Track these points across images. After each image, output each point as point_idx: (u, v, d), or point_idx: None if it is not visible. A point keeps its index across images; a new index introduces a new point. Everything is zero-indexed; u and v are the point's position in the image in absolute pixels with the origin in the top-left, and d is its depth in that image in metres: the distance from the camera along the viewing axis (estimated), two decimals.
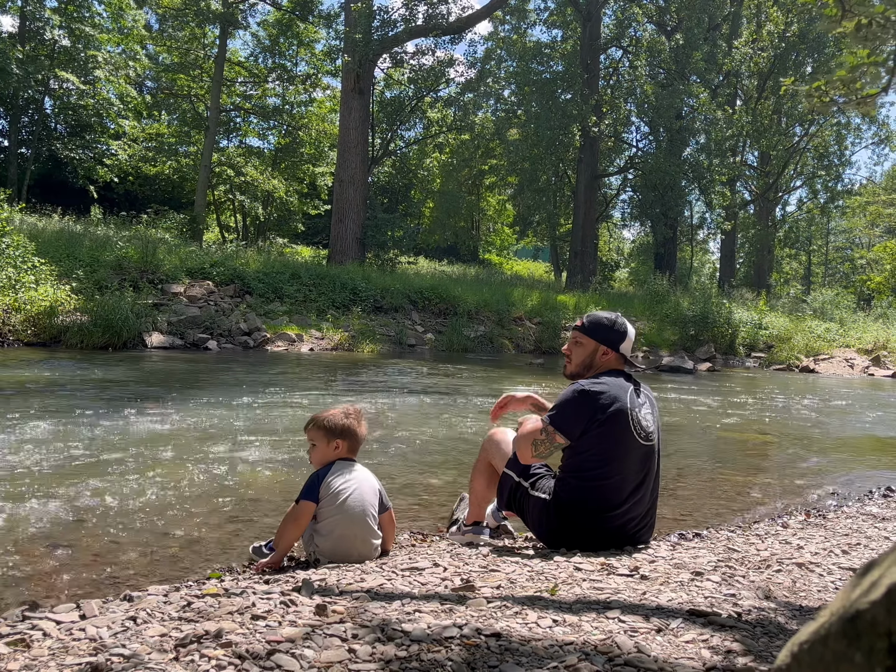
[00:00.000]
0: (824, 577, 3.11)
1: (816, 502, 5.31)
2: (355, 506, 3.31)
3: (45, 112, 31.51)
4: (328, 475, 3.33)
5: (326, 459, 3.44)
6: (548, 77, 32.19)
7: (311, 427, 3.48)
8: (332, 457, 3.44)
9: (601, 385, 3.41)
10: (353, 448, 3.49)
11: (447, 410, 8.86)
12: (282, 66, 34.33)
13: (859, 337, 24.66)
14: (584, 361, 3.60)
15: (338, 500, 3.28)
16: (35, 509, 4.04)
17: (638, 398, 3.47)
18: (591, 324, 3.62)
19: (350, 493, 3.32)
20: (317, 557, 3.31)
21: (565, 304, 22.96)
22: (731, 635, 2.24)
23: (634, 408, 3.40)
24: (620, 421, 3.35)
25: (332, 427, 3.43)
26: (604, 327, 3.58)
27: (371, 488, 3.44)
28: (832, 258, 59.79)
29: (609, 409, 3.34)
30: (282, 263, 20.70)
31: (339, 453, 3.45)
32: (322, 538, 3.28)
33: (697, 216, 42.95)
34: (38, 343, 12.71)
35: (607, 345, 3.56)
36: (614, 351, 3.56)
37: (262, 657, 1.91)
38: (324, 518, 3.28)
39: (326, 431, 3.43)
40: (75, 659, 1.91)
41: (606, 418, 3.34)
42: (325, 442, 3.44)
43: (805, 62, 35.90)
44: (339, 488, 3.30)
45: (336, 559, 3.24)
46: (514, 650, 2.04)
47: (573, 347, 3.65)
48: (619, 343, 3.56)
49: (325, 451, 3.45)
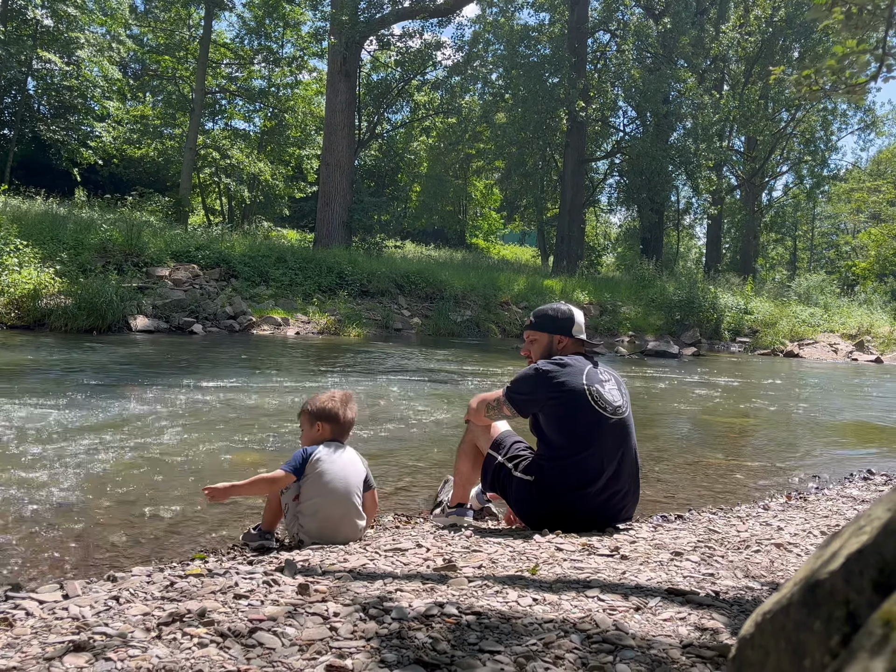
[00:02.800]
0: (802, 558, 3.16)
1: (798, 485, 5.37)
2: (340, 486, 3.33)
3: (28, 93, 31.13)
4: (314, 453, 3.36)
5: (313, 442, 3.49)
6: (535, 61, 32.06)
7: (300, 412, 3.61)
8: (317, 439, 3.49)
9: (555, 364, 3.54)
10: (336, 431, 3.53)
11: (432, 393, 8.89)
12: (268, 48, 34.06)
13: (843, 322, 24.84)
14: (543, 355, 3.72)
15: (322, 479, 3.31)
16: (19, 491, 4.04)
17: (600, 375, 3.57)
18: (538, 319, 3.80)
19: (335, 474, 3.34)
20: (301, 538, 3.33)
21: (552, 288, 22.99)
22: (708, 613, 2.28)
23: (594, 383, 3.50)
24: (576, 396, 3.44)
25: (314, 410, 3.52)
26: (550, 318, 3.75)
27: (356, 469, 3.47)
28: (818, 244, 59.99)
29: (563, 386, 3.45)
30: (268, 247, 20.61)
31: (322, 436, 3.50)
32: (307, 518, 3.30)
33: (684, 201, 43.04)
34: (21, 326, 12.64)
35: (560, 333, 3.71)
36: (568, 336, 3.70)
37: (244, 635, 1.92)
38: (308, 498, 3.30)
39: (309, 415, 3.54)
40: (58, 637, 1.93)
41: (561, 394, 3.44)
42: (309, 425, 3.53)
43: (792, 47, 35.91)
44: (323, 468, 3.33)
45: (322, 541, 3.26)
46: (495, 628, 2.06)
47: (530, 347, 3.82)
48: (570, 328, 3.70)
49: (309, 433, 3.53)
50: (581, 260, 30.88)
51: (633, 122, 37.90)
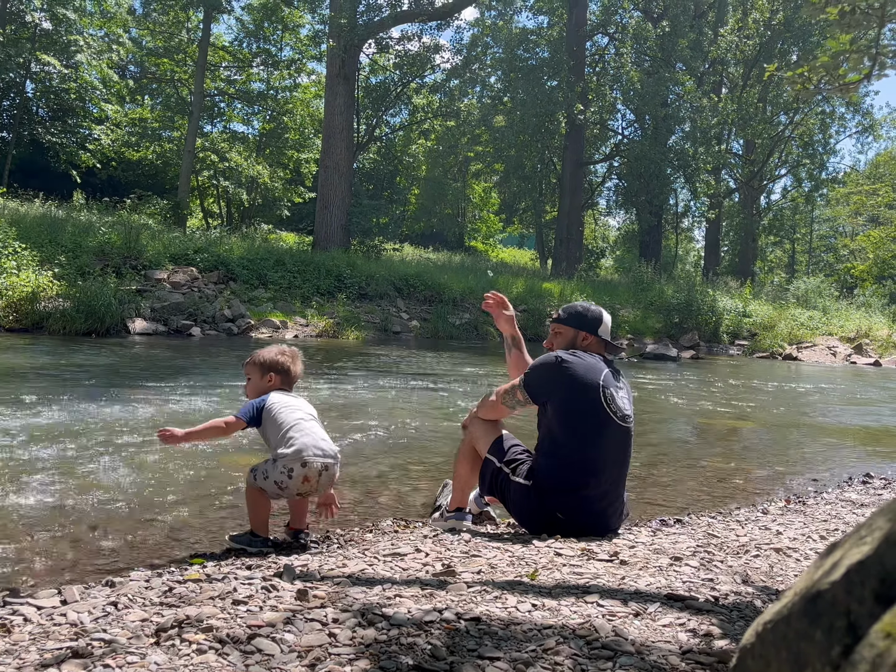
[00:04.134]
0: (801, 563, 3.15)
1: (797, 488, 5.37)
2: (304, 416, 3.45)
3: (27, 96, 31.12)
4: (267, 400, 3.46)
5: (259, 392, 3.58)
6: (534, 64, 32.13)
7: (248, 363, 3.66)
8: (266, 389, 3.58)
9: (576, 356, 3.52)
10: (286, 382, 3.64)
11: (430, 397, 8.88)
12: (266, 51, 34.04)
13: (842, 325, 24.85)
14: (566, 349, 3.66)
15: (283, 411, 3.41)
16: (17, 496, 4.03)
17: (616, 381, 3.56)
18: (567, 314, 3.76)
19: (292, 404, 3.49)
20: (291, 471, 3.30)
21: (550, 291, 23.00)
22: (707, 619, 2.27)
23: (609, 386, 3.48)
24: (589, 393, 3.42)
25: (265, 361, 3.61)
26: (579, 314, 3.71)
27: (310, 408, 3.58)
28: (816, 246, 60.01)
29: (579, 380, 3.43)
30: (266, 250, 20.62)
31: (272, 386, 3.59)
32: (290, 449, 3.31)
33: (682, 204, 43.06)
34: (20, 329, 12.63)
35: (587, 330, 3.68)
36: (593, 335, 3.67)
37: (243, 641, 1.92)
38: (280, 439, 3.35)
39: (260, 366, 3.62)
40: (56, 644, 1.92)
41: (574, 387, 3.43)
42: (259, 375, 3.61)
43: (790, 50, 35.96)
44: (280, 405, 3.44)
45: (313, 453, 3.30)
46: (494, 634, 2.06)
47: (553, 339, 3.79)
48: (597, 327, 3.68)
49: (258, 384, 3.61)
50: (580, 263, 30.90)
51: (632, 125, 38.00)
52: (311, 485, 3.34)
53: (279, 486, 3.35)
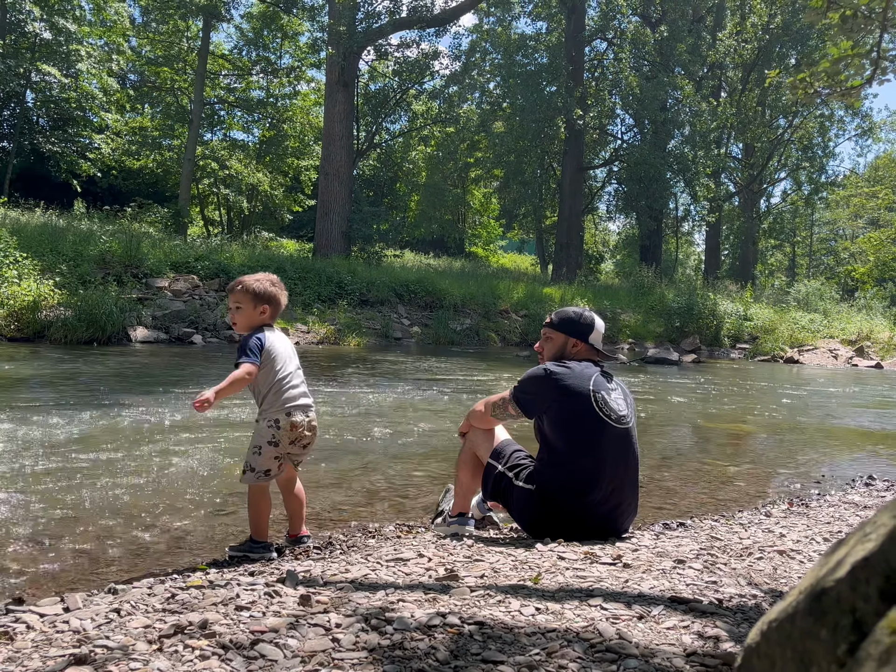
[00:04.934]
0: (805, 565, 3.15)
1: (800, 491, 5.36)
2: (293, 370, 3.54)
3: (27, 105, 31.15)
4: (266, 343, 3.45)
5: (252, 323, 3.52)
6: (532, 69, 32.16)
7: (240, 290, 3.52)
8: (258, 321, 3.52)
9: (564, 367, 3.53)
10: (275, 315, 3.60)
11: (432, 402, 8.88)
12: (266, 59, 34.11)
13: (843, 328, 24.83)
14: (556, 355, 3.72)
15: (282, 369, 3.47)
16: (19, 504, 4.03)
17: (607, 383, 3.57)
18: (558, 319, 3.76)
19: (288, 357, 3.55)
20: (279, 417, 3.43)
21: (551, 296, 23.01)
22: (711, 622, 2.27)
23: (600, 391, 3.49)
24: (581, 400, 3.43)
25: (262, 292, 3.51)
26: (571, 321, 3.72)
27: (294, 351, 3.66)
28: (816, 249, 60.02)
29: (569, 389, 3.45)
30: (267, 257, 20.64)
31: (263, 319, 3.53)
32: (269, 398, 3.45)
33: (682, 208, 43.04)
34: (21, 338, 12.64)
35: (576, 336, 3.69)
36: (583, 342, 3.68)
37: (246, 647, 1.91)
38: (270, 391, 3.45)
39: (255, 296, 3.51)
40: (59, 651, 1.92)
41: (566, 397, 3.44)
42: (252, 306, 3.51)
43: (789, 54, 36.02)
44: (275, 358, 3.47)
45: (295, 402, 3.46)
46: (497, 638, 2.06)
47: (544, 344, 3.81)
48: (588, 334, 3.68)
49: (251, 314, 3.52)
50: (580, 268, 30.92)
51: (631, 130, 38.02)
52: (300, 432, 3.45)
53: (274, 444, 3.43)
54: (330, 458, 5.61)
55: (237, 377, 3.30)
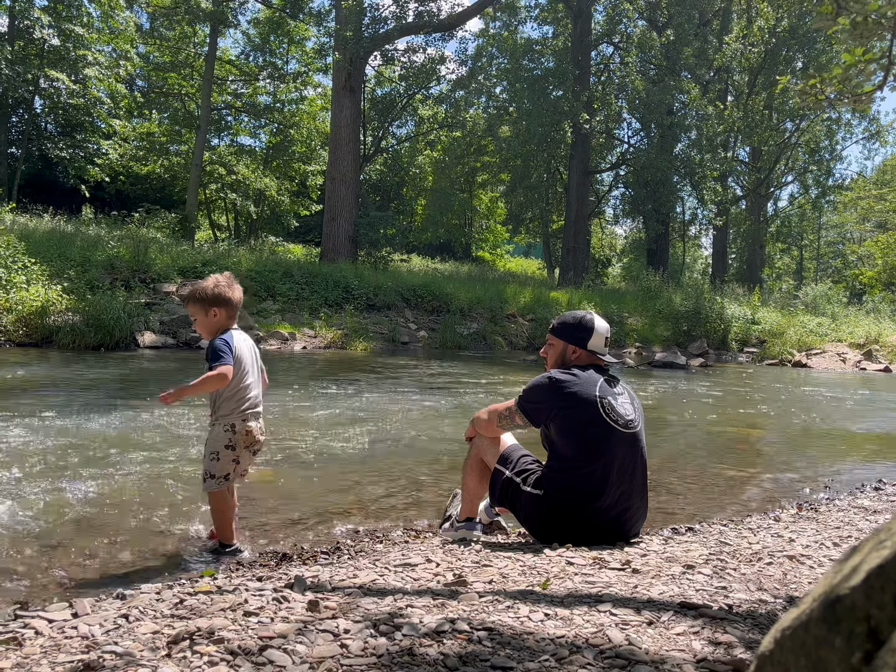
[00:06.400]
0: (815, 570, 3.13)
1: (808, 495, 5.34)
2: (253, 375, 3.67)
3: (35, 111, 31.31)
4: (233, 345, 3.54)
5: (213, 328, 3.61)
6: (539, 74, 32.16)
7: (188, 302, 3.65)
8: (215, 325, 3.61)
9: (569, 374, 3.53)
10: (231, 314, 3.65)
11: (440, 407, 8.87)
12: (272, 65, 34.21)
13: (851, 331, 24.73)
14: (557, 361, 3.74)
15: (247, 370, 3.61)
16: (28, 508, 4.03)
17: (613, 388, 3.57)
18: (559, 324, 3.80)
19: (249, 363, 3.65)
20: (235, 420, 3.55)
21: (558, 300, 22.98)
22: (721, 627, 2.26)
23: (606, 396, 3.48)
24: (588, 407, 3.43)
25: (207, 297, 3.59)
26: (570, 327, 3.73)
27: (257, 354, 3.77)
28: (824, 253, 59.88)
29: (574, 397, 3.44)
30: (274, 262, 20.67)
31: (219, 321, 3.61)
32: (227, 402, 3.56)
33: (689, 212, 43.07)
34: (29, 343, 12.67)
35: (575, 343, 3.69)
36: (582, 349, 3.68)
37: (255, 653, 1.91)
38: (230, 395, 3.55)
39: (202, 303, 3.60)
40: (67, 657, 1.92)
41: (572, 404, 3.43)
42: (204, 313, 3.60)
43: (795, 58, 35.97)
44: (244, 358, 3.60)
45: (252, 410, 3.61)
46: (507, 644, 2.05)
47: (547, 349, 3.83)
48: (587, 340, 3.67)
49: (206, 321, 3.62)
50: (587, 271, 30.87)
51: (638, 134, 38.00)
52: (253, 437, 3.59)
53: (231, 448, 3.53)
54: (336, 463, 5.61)
55: (211, 377, 3.39)
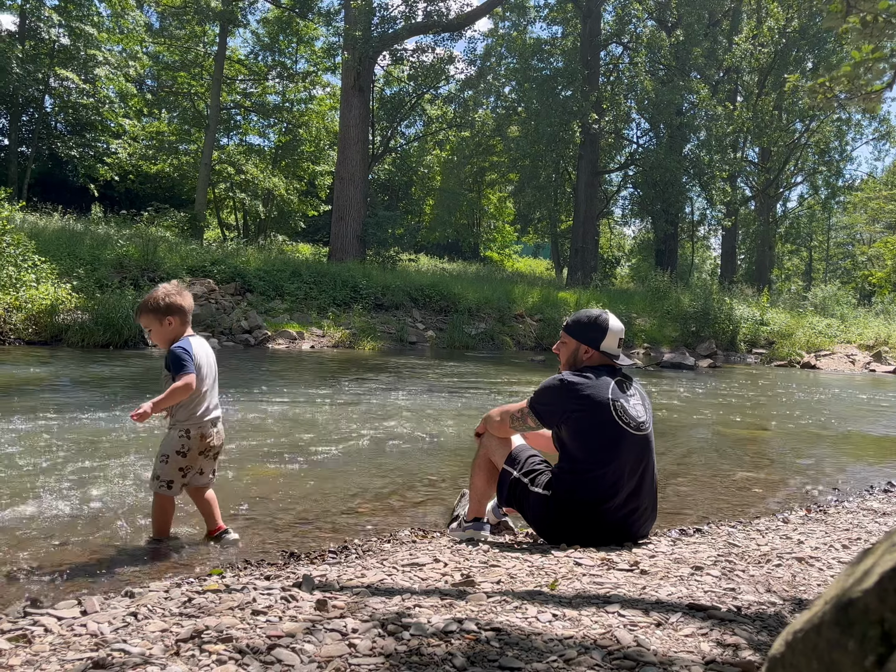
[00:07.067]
0: (824, 572, 3.12)
1: (817, 497, 5.31)
2: (210, 382, 3.72)
3: (46, 110, 31.47)
4: (192, 353, 3.58)
5: (168, 337, 3.66)
6: (548, 74, 32.14)
7: (141, 314, 3.68)
8: (171, 333, 3.66)
9: (581, 377, 3.49)
10: (185, 321, 3.70)
11: (447, 407, 8.87)
12: (281, 64, 34.27)
13: (860, 333, 24.64)
14: (569, 360, 3.69)
15: (204, 376, 3.65)
16: (37, 506, 4.05)
17: (626, 390, 3.53)
18: (573, 323, 3.72)
19: (208, 369, 3.70)
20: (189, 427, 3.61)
21: (566, 300, 22.96)
22: (730, 629, 2.25)
23: (618, 399, 3.45)
24: (600, 409, 3.40)
25: (158, 307, 3.63)
26: (583, 326, 3.66)
27: (214, 359, 3.81)
28: (833, 254, 59.67)
29: (587, 399, 3.41)
30: (282, 261, 20.71)
31: (174, 329, 3.66)
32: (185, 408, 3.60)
33: (698, 212, 42.90)
34: (39, 342, 12.72)
35: (588, 343, 3.63)
36: (595, 350, 3.62)
37: (263, 652, 1.91)
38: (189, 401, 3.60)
39: (154, 313, 3.64)
40: (76, 654, 1.92)
41: (584, 407, 3.40)
42: (158, 323, 3.65)
43: (806, 58, 35.84)
44: (202, 365, 3.64)
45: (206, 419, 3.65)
46: (514, 644, 2.05)
47: (560, 346, 3.77)
48: (600, 341, 3.61)
49: (162, 330, 3.66)
50: (595, 272, 30.82)
51: (647, 134, 37.92)
52: (208, 442, 3.64)
53: (182, 455, 3.57)
54: (344, 461, 5.61)
55: (178, 388, 3.43)
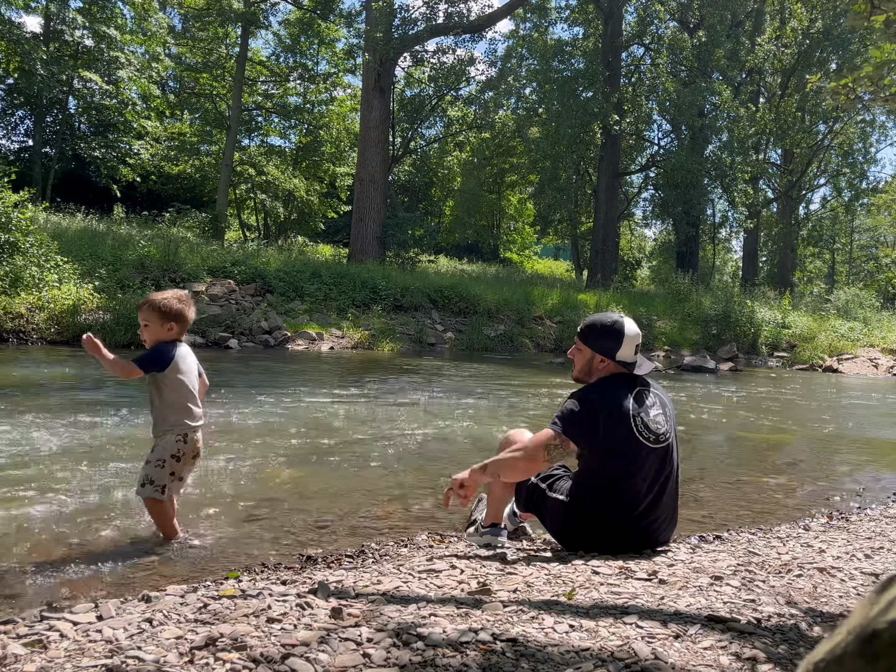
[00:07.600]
0: (846, 583, 3.07)
1: (839, 504, 5.25)
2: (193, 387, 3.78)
3: (69, 112, 31.71)
4: (176, 356, 3.66)
5: (159, 339, 3.69)
6: (569, 75, 32.03)
7: (147, 308, 3.68)
8: (165, 337, 3.68)
9: (597, 394, 3.39)
10: (183, 331, 3.75)
11: (466, 409, 8.85)
12: (303, 65, 34.37)
13: (884, 336, 24.41)
14: (584, 368, 3.58)
15: (188, 386, 3.72)
16: (53, 509, 4.07)
17: (645, 401, 3.42)
18: (588, 331, 3.56)
19: (194, 375, 3.79)
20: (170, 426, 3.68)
21: (586, 302, 22.88)
22: (750, 642, 2.22)
23: (638, 413, 3.35)
24: (619, 428, 3.30)
25: (168, 310, 3.66)
26: (598, 334, 3.51)
27: (196, 367, 3.86)
28: (856, 256, 59.13)
29: (606, 417, 3.31)
30: (302, 262, 20.78)
31: (171, 335, 3.69)
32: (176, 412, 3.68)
33: (720, 214, 42.67)
34: (61, 342, 12.82)
35: (603, 353, 3.48)
36: (611, 359, 3.47)
37: (277, 661, 1.90)
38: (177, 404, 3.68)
39: (161, 314, 3.66)
40: (91, 661, 1.92)
41: (604, 426, 3.30)
42: (160, 324, 3.67)
43: (829, 59, 35.53)
44: (185, 374, 3.71)
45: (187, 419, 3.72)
46: (530, 656, 2.02)
47: (575, 353, 3.64)
48: (615, 350, 3.45)
49: (158, 331, 3.68)
50: (615, 274, 30.71)
51: (668, 136, 37.77)
52: (198, 447, 3.73)
53: (177, 459, 3.63)
54: (362, 464, 5.61)
55: (126, 368, 3.57)
